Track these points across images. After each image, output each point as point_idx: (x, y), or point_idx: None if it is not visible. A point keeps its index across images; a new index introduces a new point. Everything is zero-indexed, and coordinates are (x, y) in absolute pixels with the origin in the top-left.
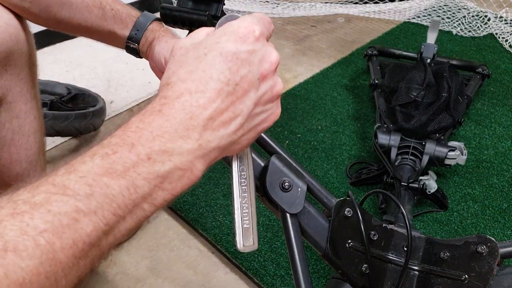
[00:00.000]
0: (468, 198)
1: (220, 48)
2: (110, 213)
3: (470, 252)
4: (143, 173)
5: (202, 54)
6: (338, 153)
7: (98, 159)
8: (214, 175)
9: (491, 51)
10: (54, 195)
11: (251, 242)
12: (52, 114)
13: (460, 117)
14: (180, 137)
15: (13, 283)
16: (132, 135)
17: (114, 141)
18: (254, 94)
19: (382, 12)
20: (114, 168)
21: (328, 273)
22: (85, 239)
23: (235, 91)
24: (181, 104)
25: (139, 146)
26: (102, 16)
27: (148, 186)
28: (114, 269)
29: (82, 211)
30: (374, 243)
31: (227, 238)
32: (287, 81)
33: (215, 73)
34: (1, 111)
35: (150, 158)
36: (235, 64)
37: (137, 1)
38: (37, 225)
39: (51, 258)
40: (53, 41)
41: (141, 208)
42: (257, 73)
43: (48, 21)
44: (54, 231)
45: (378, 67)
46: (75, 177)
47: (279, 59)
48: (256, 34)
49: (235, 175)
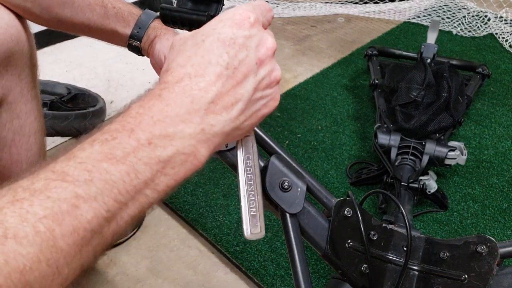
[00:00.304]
0: (468, 198)
1: (217, 34)
2: (111, 199)
3: (470, 252)
4: (143, 158)
5: (200, 41)
6: (338, 153)
7: (97, 145)
8: (214, 175)
9: (491, 51)
10: (53, 182)
11: (259, 230)
12: (52, 114)
13: (460, 117)
14: (182, 121)
15: (14, 270)
16: (132, 120)
17: (114, 127)
18: (253, 78)
19: (382, 12)
20: (113, 154)
21: (328, 273)
22: (85, 226)
23: (235, 75)
24: (181, 88)
25: (139, 131)
26: (104, 15)
27: (149, 171)
28: (114, 269)
29: (81, 197)
30: (374, 243)
31: (227, 238)
32: (287, 81)
33: (213, 58)
34: (2, 111)
35: (150, 143)
36: (233, 49)
37: (137, 1)
38: (36, 211)
39: (51, 245)
40: (53, 41)
41: (143, 194)
42: (254, 57)
43: (49, 21)
44: (53, 217)
45: (378, 67)
46: (74, 163)
47: (276, 45)
48: (251, 20)
49: (241, 163)
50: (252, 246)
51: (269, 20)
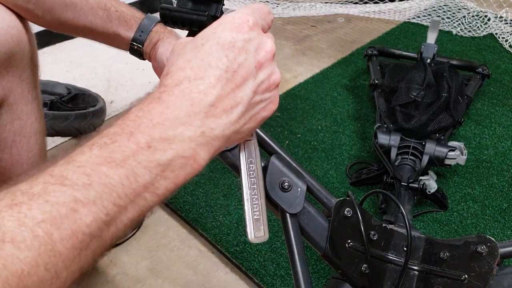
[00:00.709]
0: (468, 198)
1: (217, 37)
2: (110, 203)
3: (470, 252)
4: (143, 161)
5: (200, 45)
6: (338, 153)
7: (96, 149)
8: (214, 175)
9: (491, 51)
10: (51, 185)
11: (262, 233)
12: (52, 114)
13: (460, 117)
14: (182, 124)
15: (12, 274)
16: (131, 123)
17: (113, 131)
18: (253, 82)
19: (382, 12)
20: (112, 157)
21: (328, 273)
22: (84, 230)
23: (234, 78)
24: (181, 91)
25: (139, 134)
26: (107, 18)
27: (149, 175)
28: (114, 270)
29: (80, 201)
30: (374, 243)
31: (227, 238)
32: (287, 81)
33: (213, 61)
34: (3, 112)
35: (150, 146)
36: (232, 52)
37: (137, 1)
38: (34, 215)
39: (50, 249)
40: (53, 41)
41: (143, 198)
42: (253, 61)
43: (51, 23)
44: (52, 221)
45: (378, 67)
46: (73, 167)
47: (275, 48)
48: (250, 23)
49: (244, 167)
50: (252, 246)
51: (269, 23)
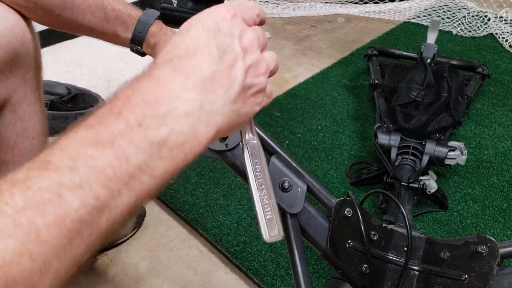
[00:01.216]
0: (468, 198)
1: (201, 23)
2: (99, 186)
3: (470, 252)
4: (134, 140)
5: (185, 30)
6: (338, 153)
7: (82, 131)
8: (214, 175)
9: (491, 51)
10: (34, 171)
11: (277, 232)
12: (52, 114)
13: (460, 117)
14: (176, 98)
15: None
16: (120, 103)
17: (101, 112)
18: (242, 63)
19: (382, 12)
20: (99, 138)
21: (328, 273)
22: (72, 216)
23: (225, 57)
24: (173, 66)
25: (128, 113)
26: (104, 18)
27: (142, 155)
28: (114, 270)
29: (65, 186)
30: (374, 243)
31: (227, 238)
32: (287, 81)
33: (202, 40)
34: (6, 113)
35: (141, 124)
36: (218, 34)
37: (137, 1)
38: (16, 203)
39: (34, 237)
40: (53, 41)
41: (138, 181)
42: (238, 44)
43: (53, 22)
44: (34, 207)
45: (378, 67)
46: (57, 152)
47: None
48: (231, 12)
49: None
50: (252, 246)
51: (252, 16)
